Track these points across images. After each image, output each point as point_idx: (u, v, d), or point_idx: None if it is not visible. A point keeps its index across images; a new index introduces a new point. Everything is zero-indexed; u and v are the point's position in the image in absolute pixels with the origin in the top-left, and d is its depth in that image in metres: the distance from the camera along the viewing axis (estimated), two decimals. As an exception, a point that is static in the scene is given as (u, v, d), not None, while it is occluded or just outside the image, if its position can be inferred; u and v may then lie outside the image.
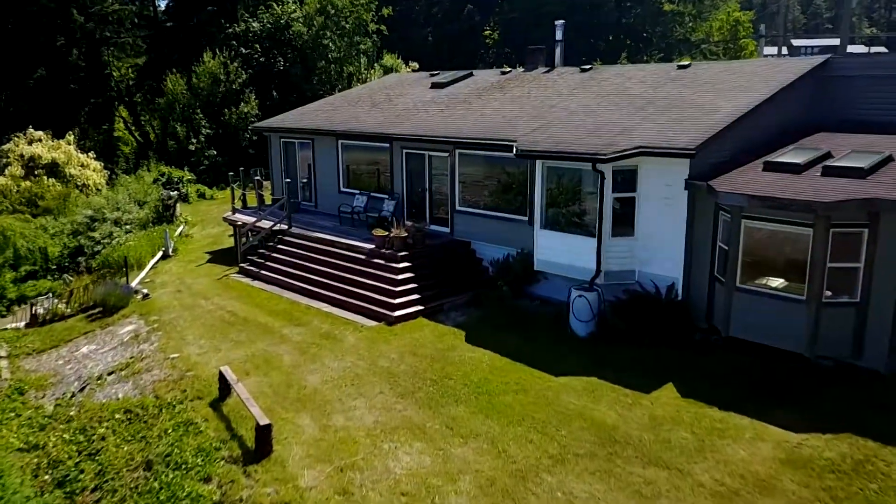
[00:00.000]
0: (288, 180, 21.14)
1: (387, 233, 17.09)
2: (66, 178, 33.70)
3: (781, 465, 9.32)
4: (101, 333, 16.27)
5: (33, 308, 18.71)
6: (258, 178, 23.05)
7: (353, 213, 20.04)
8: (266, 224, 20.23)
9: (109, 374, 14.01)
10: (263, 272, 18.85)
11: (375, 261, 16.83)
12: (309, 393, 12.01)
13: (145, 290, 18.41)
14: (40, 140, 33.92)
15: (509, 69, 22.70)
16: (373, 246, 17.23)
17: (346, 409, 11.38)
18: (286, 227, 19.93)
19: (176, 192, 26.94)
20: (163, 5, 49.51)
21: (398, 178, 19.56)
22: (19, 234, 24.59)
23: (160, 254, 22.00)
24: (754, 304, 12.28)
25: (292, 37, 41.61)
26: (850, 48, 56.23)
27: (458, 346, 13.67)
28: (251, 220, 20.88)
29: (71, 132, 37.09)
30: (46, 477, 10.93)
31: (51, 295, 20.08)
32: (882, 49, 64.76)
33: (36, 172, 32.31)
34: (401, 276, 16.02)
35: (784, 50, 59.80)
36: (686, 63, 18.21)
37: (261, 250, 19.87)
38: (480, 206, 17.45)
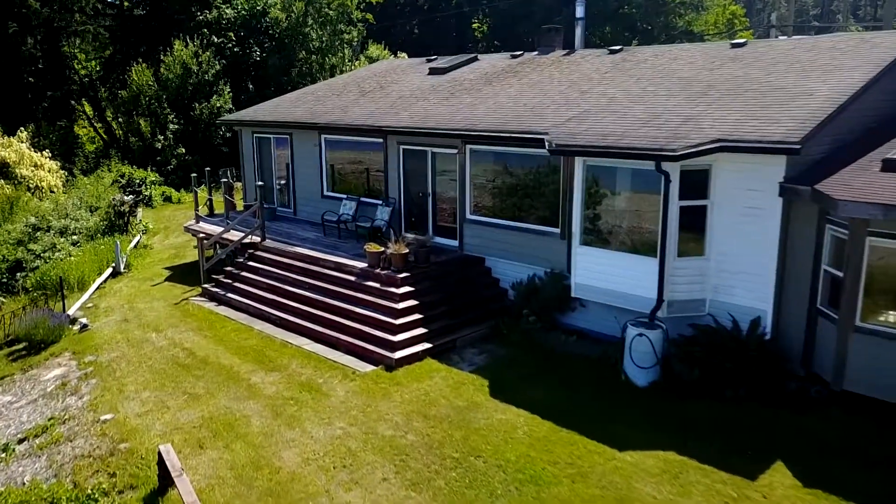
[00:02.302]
0: (260, 182, 17.72)
1: (382, 248, 13.81)
2: (17, 180, 30.22)
3: None
4: (20, 379, 12.81)
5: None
6: (226, 179, 19.60)
7: (339, 223, 16.72)
8: (235, 235, 16.84)
9: (20, 441, 10.59)
10: (231, 295, 15.46)
11: (369, 283, 13.53)
12: (284, 480, 8.70)
13: (84, 320, 14.94)
14: (-12, 137, 30.42)
15: (520, 52, 19.45)
16: (365, 265, 13.96)
17: (335, 507, 8.11)
18: (259, 239, 16.57)
19: (132, 196, 23.32)
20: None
21: (393, 180, 16.27)
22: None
23: (109, 270, 18.49)
24: (882, 349, 9.20)
25: (269, 24, 38.13)
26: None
27: (481, 402, 10.42)
28: (217, 230, 17.49)
29: (24, 129, 33.43)
30: None
31: (-28, 324, 16.52)
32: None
33: (-19, 173, 28.81)
34: (402, 305, 12.73)
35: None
36: (741, 41, 15.10)
37: (228, 268, 16.48)
38: (498, 215, 14.20)
